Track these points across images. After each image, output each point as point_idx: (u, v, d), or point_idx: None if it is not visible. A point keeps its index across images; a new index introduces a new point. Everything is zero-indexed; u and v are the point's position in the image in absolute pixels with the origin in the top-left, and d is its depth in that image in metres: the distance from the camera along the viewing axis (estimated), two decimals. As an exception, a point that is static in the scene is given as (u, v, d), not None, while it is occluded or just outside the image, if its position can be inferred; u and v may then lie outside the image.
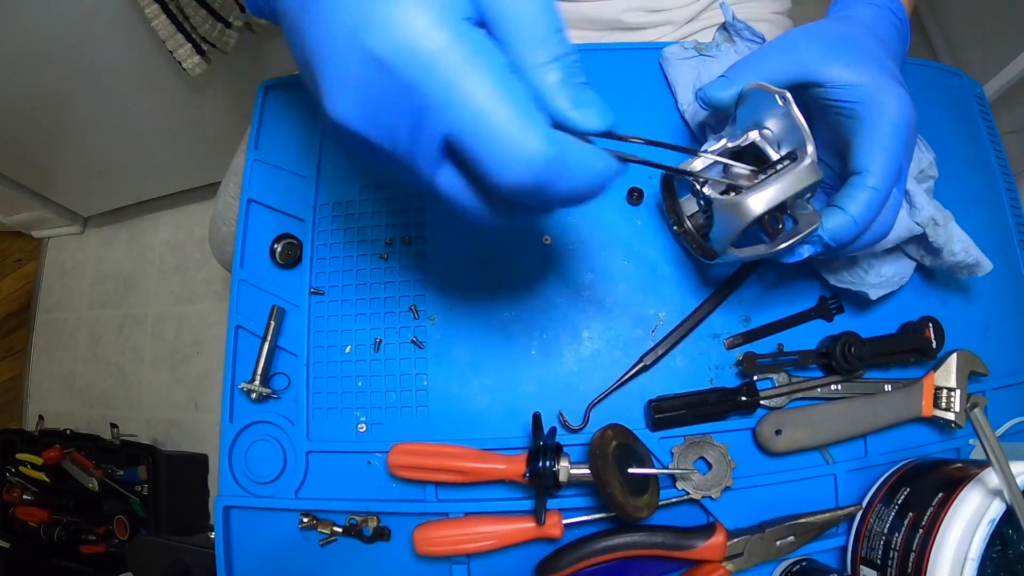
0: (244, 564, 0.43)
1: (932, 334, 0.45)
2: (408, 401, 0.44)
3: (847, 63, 0.36)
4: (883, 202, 0.36)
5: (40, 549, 1.23)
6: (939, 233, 0.41)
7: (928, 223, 0.41)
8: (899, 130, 0.35)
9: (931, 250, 0.43)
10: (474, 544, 0.40)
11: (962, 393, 0.43)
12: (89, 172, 1.35)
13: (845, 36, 0.38)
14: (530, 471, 0.39)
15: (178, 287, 1.48)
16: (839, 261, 0.44)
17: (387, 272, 0.47)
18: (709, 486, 0.41)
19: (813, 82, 0.37)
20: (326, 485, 0.44)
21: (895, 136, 0.35)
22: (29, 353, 1.54)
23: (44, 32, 0.93)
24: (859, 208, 0.35)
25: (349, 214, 0.48)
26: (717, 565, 0.39)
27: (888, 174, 0.35)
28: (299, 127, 0.51)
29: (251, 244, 0.48)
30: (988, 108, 0.56)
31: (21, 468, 1.23)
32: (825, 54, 0.36)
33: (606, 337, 0.45)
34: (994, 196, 0.53)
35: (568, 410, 0.43)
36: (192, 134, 1.25)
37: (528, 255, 0.46)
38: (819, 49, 0.37)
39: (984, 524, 0.33)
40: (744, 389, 0.43)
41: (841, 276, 0.44)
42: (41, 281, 1.58)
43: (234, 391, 0.45)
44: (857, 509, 0.41)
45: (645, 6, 0.53)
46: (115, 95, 1.10)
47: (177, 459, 1.25)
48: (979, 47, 1.24)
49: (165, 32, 0.92)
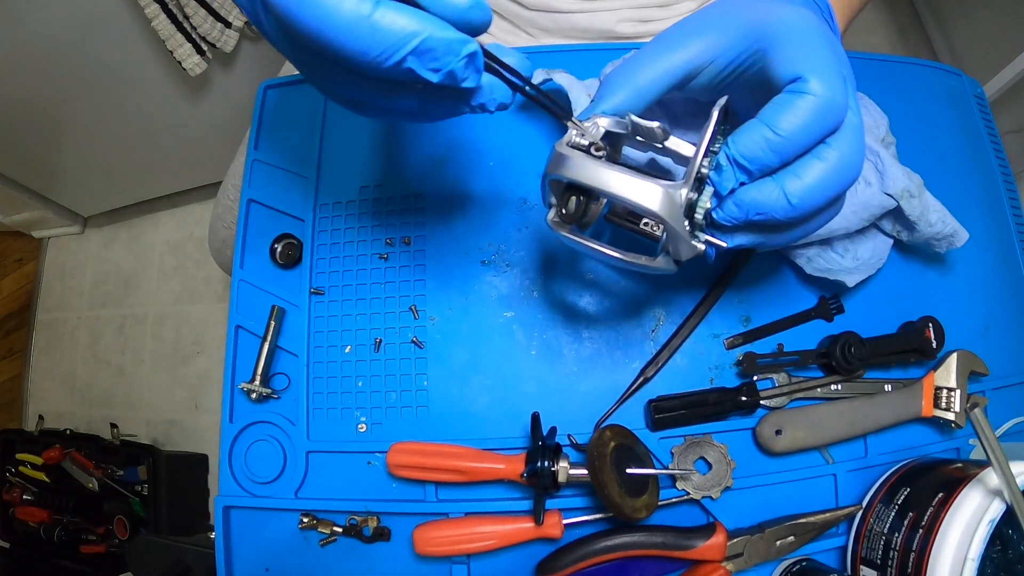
0: (244, 564, 0.43)
1: (932, 334, 0.45)
2: (408, 401, 0.44)
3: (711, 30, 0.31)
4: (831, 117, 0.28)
5: (40, 549, 1.23)
6: (914, 206, 0.38)
7: (903, 195, 0.38)
8: (817, 30, 0.29)
9: (907, 224, 0.41)
10: (474, 544, 0.40)
11: (962, 393, 0.43)
12: (89, 172, 1.35)
13: (706, 11, 0.33)
14: (528, 471, 0.39)
15: (178, 287, 1.48)
16: (812, 247, 0.41)
17: (387, 272, 0.47)
18: (709, 486, 0.41)
19: (689, 73, 0.32)
20: (326, 485, 0.44)
21: (818, 35, 0.29)
22: (29, 353, 1.54)
23: (44, 32, 0.93)
24: (789, 117, 0.27)
25: (349, 214, 0.48)
26: (717, 565, 0.39)
27: (830, 74, 0.28)
28: (299, 127, 0.51)
29: (251, 244, 0.48)
30: (988, 108, 0.56)
31: (21, 468, 1.23)
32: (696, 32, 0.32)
33: (606, 337, 0.45)
34: (994, 196, 0.53)
35: (569, 414, 0.43)
36: (192, 134, 1.25)
37: (528, 255, 0.46)
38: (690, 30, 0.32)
39: (984, 524, 0.33)
40: (744, 389, 0.43)
41: (816, 263, 0.42)
42: (41, 281, 1.58)
43: (234, 391, 0.45)
44: (857, 509, 0.41)
45: (638, 16, 0.53)
46: (115, 95, 1.10)
47: (177, 459, 1.25)
48: (979, 47, 1.25)
49: (165, 32, 0.92)
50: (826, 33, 0.30)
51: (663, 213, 0.28)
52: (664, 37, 0.33)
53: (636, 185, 0.28)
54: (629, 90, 0.33)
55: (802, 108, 0.27)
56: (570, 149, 0.30)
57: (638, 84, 0.33)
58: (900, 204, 0.40)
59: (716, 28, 0.32)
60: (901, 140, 0.47)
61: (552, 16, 0.53)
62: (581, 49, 0.51)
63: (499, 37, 0.55)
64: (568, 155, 0.30)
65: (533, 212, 0.47)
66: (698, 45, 0.32)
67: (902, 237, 0.44)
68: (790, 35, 0.29)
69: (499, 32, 0.55)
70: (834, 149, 0.28)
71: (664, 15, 0.54)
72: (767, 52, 0.30)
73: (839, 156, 0.28)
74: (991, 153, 0.54)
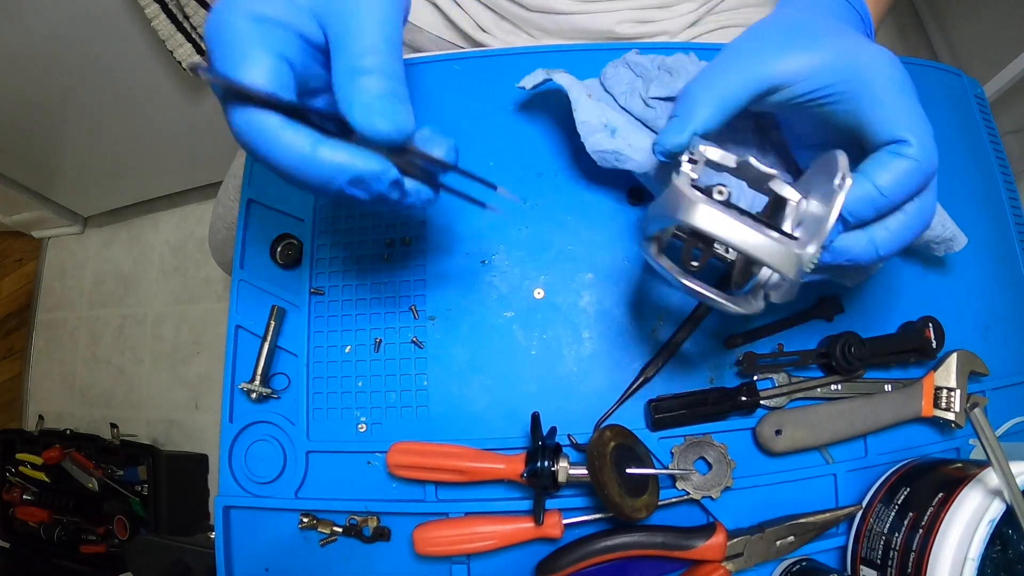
0: (244, 564, 0.43)
1: (932, 334, 0.45)
2: (408, 401, 0.44)
3: (801, 50, 0.31)
4: (925, 179, 0.30)
5: (40, 549, 1.23)
6: None
7: None
8: (910, 85, 0.30)
9: None
10: (474, 544, 0.40)
11: (962, 393, 0.43)
12: (89, 172, 1.35)
13: (790, 23, 0.33)
14: (528, 471, 0.39)
15: (178, 287, 1.48)
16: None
17: (387, 272, 0.47)
18: (709, 486, 0.41)
19: (772, 87, 0.31)
20: (326, 485, 0.44)
21: (911, 91, 0.30)
22: (29, 353, 1.54)
23: (44, 32, 0.94)
24: (891, 178, 0.29)
25: (349, 214, 0.48)
26: (717, 565, 0.39)
27: (927, 139, 0.29)
28: (299, 127, 0.51)
29: (251, 244, 0.48)
30: (988, 108, 0.56)
31: (21, 468, 1.23)
32: (782, 47, 0.31)
33: (606, 337, 0.45)
34: (994, 196, 0.53)
35: (569, 414, 0.43)
36: (192, 134, 1.25)
37: (528, 255, 0.46)
38: (775, 44, 0.32)
39: (984, 524, 0.33)
40: (744, 389, 0.43)
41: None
42: (41, 281, 1.58)
43: (234, 391, 0.45)
44: (857, 509, 0.41)
45: (638, 17, 0.53)
46: (115, 95, 1.10)
47: (177, 459, 1.25)
48: (979, 47, 1.25)
49: (165, 32, 0.92)
50: (912, 86, 0.31)
51: (789, 272, 0.28)
52: (746, 47, 0.33)
53: (766, 244, 0.28)
54: (713, 104, 0.32)
55: (904, 171, 0.30)
56: (695, 192, 0.29)
57: (721, 97, 0.32)
58: None
59: (803, 49, 0.31)
60: (901, 140, 0.47)
61: (553, 17, 0.53)
62: (581, 49, 0.51)
63: (501, 38, 0.55)
64: (694, 200, 0.28)
65: (533, 212, 0.47)
66: (785, 63, 0.31)
67: None
68: (889, 89, 0.30)
69: (500, 33, 0.55)
70: (915, 203, 0.31)
71: (664, 16, 0.54)
72: (860, 100, 0.30)
73: (919, 208, 0.31)
74: (991, 153, 0.54)
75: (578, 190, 0.47)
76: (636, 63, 0.44)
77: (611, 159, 0.41)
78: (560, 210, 0.47)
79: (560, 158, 0.48)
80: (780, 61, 0.31)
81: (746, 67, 0.32)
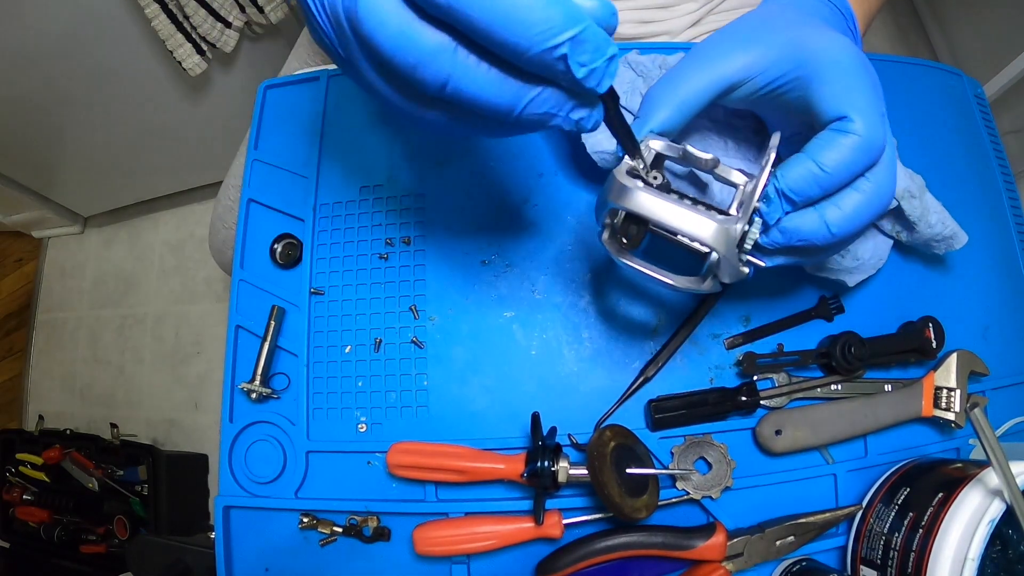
0: (244, 564, 0.43)
1: (932, 334, 0.45)
2: (408, 401, 0.44)
3: (755, 45, 0.32)
4: (871, 155, 0.30)
5: (40, 549, 1.23)
6: (915, 207, 0.39)
7: (904, 196, 0.39)
8: (860, 65, 0.30)
9: (907, 224, 0.41)
10: (474, 544, 0.40)
11: (962, 393, 0.43)
12: (89, 172, 1.35)
13: (751, 23, 0.33)
14: (528, 471, 0.39)
15: (178, 287, 1.48)
16: None
17: (387, 272, 0.47)
18: (709, 486, 0.41)
19: (732, 85, 0.32)
20: (326, 485, 0.44)
21: (861, 71, 0.30)
22: (29, 353, 1.54)
23: (44, 32, 0.94)
24: (834, 155, 0.29)
25: (349, 214, 0.48)
26: (717, 565, 0.39)
27: (872, 115, 0.29)
28: (299, 127, 0.51)
29: (251, 244, 0.48)
30: (988, 108, 0.56)
31: (21, 468, 1.23)
32: (738, 46, 0.32)
33: (606, 337, 0.45)
34: (994, 196, 0.53)
35: (569, 414, 0.43)
36: (192, 134, 1.25)
37: (528, 255, 0.46)
38: (731, 44, 0.33)
39: (984, 524, 0.33)
40: (744, 389, 0.43)
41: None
42: (41, 281, 1.58)
43: (234, 391, 0.45)
44: (857, 509, 0.41)
45: (639, 17, 0.53)
46: (115, 95, 1.10)
47: (177, 459, 1.25)
48: (979, 47, 1.24)
49: (165, 32, 0.92)
50: (866, 67, 0.31)
51: (720, 248, 0.30)
52: (705, 50, 0.34)
53: (696, 221, 0.30)
54: (672, 106, 0.33)
55: (847, 147, 0.29)
56: (630, 179, 0.31)
57: (681, 99, 0.33)
58: (901, 204, 0.40)
59: (758, 44, 0.32)
60: (901, 140, 0.46)
61: None
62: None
63: None
64: (629, 186, 0.30)
65: (534, 212, 0.47)
66: (739, 61, 0.32)
67: (901, 237, 0.44)
68: (834, 70, 0.30)
69: None
70: (870, 181, 0.31)
71: (665, 16, 0.54)
72: (810, 83, 0.31)
73: (874, 188, 0.31)
74: (991, 153, 0.54)
75: (578, 190, 0.47)
76: (637, 63, 0.44)
77: (611, 159, 0.41)
78: (560, 210, 0.47)
79: (560, 158, 0.48)
80: (735, 59, 0.32)
81: (705, 68, 0.33)
